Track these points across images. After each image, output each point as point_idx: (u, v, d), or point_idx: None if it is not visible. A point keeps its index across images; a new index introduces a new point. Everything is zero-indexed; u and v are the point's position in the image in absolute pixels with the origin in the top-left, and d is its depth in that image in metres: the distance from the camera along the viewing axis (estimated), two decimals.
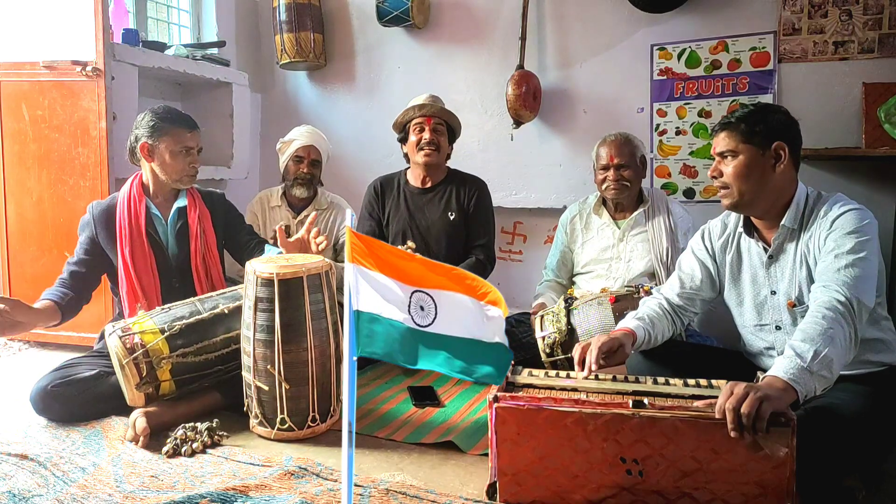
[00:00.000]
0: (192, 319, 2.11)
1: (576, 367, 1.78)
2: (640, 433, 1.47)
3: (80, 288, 2.35)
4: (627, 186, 2.66)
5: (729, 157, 1.78)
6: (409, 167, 3.01)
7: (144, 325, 2.08)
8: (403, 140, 2.92)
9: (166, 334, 2.06)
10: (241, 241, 2.57)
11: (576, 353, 1.81)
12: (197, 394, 2.16)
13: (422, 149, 2.83)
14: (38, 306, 2.20)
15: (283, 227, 2.41)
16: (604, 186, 2.69)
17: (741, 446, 1.40)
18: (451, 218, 2.89)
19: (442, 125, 2.87)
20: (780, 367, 1.45)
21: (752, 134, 1.74)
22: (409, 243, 2.70)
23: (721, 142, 1.79)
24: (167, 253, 2.44)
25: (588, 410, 1.49)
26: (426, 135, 2.82)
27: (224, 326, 2.15)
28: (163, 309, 2.17)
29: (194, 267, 2.43)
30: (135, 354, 2.01)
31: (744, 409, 1.35)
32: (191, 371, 2.09)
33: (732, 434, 1.37)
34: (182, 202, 2.47)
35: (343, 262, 1.78)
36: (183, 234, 2.46)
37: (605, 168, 2.67)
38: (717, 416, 1.41)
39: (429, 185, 2.94)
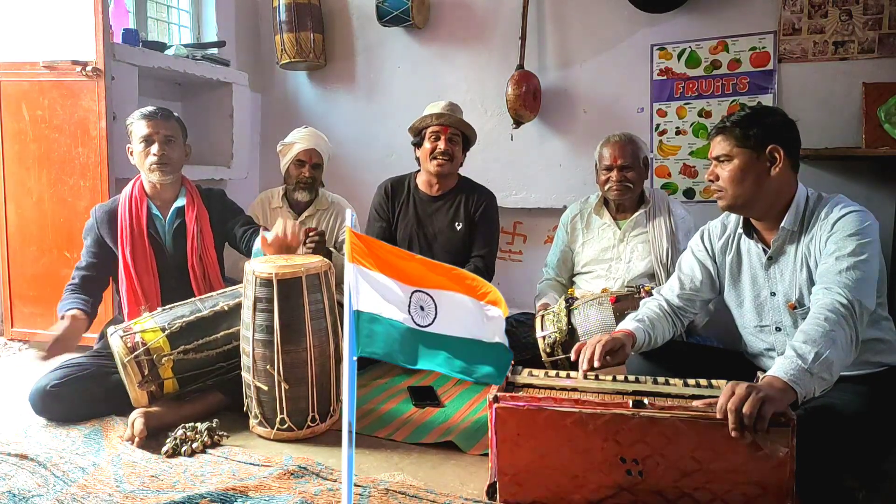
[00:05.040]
0: (192, 317, 2.12)
1: (578, 363, 1.77)
2: (639, 433, 1.47)
3: (94, 291, 2.42)
4: (630, 188, 2.65)
5: (724, 161, 1.78)
6: (419, 171, 3.00)
7: (145, 324, 2.09)
8: (418, 145, 2.91)
9: (167, 332, 2.06)
10: (237, 232, 2.55)
11: (574, 352, 1.81)
12: (200, 394, 2.16)
13: (435, 158, 2.82)
14: (73, 314, 2.24)
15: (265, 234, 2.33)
16: (606, 187, 2.68)
17: (741, 446, 1.40)
18: (458, 228, 2.89)
19: (458, 135, 2.86)
20: (780, 368, 1.45)
21: (746, 137, 1.74)
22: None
23: (717, 146, 1.80)
24: (166, 252, 2.45)
25: (588, 411, 1.49)
26: (441, 145, 2.81)
27: (225, 323, 2.15)
28: (164, 309, 2.18)
29: (191, 267, 2.43)
30: (136, 353, 2.01)
31: (745, 408, 1.35)
32: (193, 368, 2.10)
33: (733, 434, 1.37)
34: (181, 202, 2.47)
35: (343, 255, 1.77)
36: (180, 234, 2.46)
37: (609, 169, 2.66)
38: (718, 416, 1.40)
39: (438, 192, 2.94)
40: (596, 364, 1.72)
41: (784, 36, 3.02)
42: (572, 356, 1.82)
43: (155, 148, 2.38)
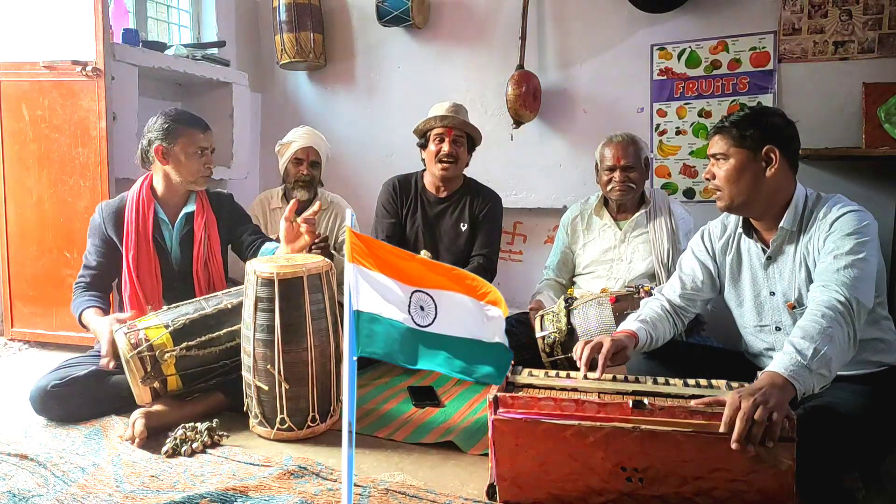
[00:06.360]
0: (196, 315, 2.12)
1: (579, 365, 1.76)
2: (640, 445, 1.46)
3: (105, 288, 2.46)
4: (633, 188, 2.65)
5: (721, 160, 1.79)
6: (424, 170, 3.00)
7: (149, 321, 2.09)
8: (423, 146, 2.92)
9: (170, 329, 2.06)
10: (245, 241, 2.57)
11: (576, 351, 1.80)
12: (202, 394, 2.17)
13: (440, 161, 2.83)
14: (94, 318, 2.30)
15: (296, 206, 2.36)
16: (609, 188, 2.67)
17: (743, 459, 1.39)
18: (463, 229, 2.91)
19: (462, 137, 2.86)
20: (779, 363, 1.45)
21: (742, 138, 1.75)
22: (425, 252, 2.69)
23: (714, 145, 1.81)
24: (171, 258, 2.45)
25: (587, 423, 1.48)
26: (445, 147, 2.81)
27: (228, 321, 2.15)
28: (168, 308, 2.18)
29: (196, 272, 2.44)
30: (139, 349, 2.02)
31: (757, 416, 1.34)
32: (196, 366, 2.10)
33: (734, 447, 1.35)
34: (190, 207, 2.47)
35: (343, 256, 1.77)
36: (188, 240, 2.46)
37: (611, 169, 2.65)
38: (722, 429, 1.38)
39: (444, 194, 2.95)
40: (599, 376, 1.71)
41: (784, 36, 3.02)
42: (575, 355, 1.81)
43: (209, 159, 2.46)
